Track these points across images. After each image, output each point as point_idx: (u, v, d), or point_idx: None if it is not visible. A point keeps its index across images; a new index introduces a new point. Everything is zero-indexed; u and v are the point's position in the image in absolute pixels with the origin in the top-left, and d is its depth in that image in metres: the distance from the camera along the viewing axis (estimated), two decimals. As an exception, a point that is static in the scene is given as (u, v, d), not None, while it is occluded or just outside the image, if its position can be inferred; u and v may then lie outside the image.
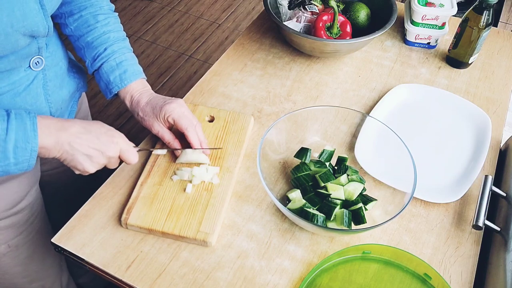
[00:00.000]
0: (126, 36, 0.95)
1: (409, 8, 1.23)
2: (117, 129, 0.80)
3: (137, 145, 0.85)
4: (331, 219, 0.81)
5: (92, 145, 0.75)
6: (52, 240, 0.81)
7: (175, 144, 0.90)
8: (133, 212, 0.83)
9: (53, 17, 0.89)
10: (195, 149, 0.90)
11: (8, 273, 1.02)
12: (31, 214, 0.98)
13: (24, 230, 0.98)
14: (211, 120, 1.00)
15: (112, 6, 0.94)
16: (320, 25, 1.10)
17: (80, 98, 1.02)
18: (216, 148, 0.93)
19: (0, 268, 1.00)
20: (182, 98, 1.11)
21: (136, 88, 0.90)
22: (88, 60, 0.90)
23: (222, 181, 0.88)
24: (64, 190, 1.13)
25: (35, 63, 0.79)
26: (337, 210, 0.82)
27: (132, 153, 0.81)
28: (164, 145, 0.93)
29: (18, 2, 0.66)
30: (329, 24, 1.12)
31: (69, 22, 0.89)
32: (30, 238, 1.01)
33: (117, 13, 0.95)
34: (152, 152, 0.92)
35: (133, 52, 0.95)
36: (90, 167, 0.76)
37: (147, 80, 0.94)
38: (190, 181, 0.87)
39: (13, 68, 0.75)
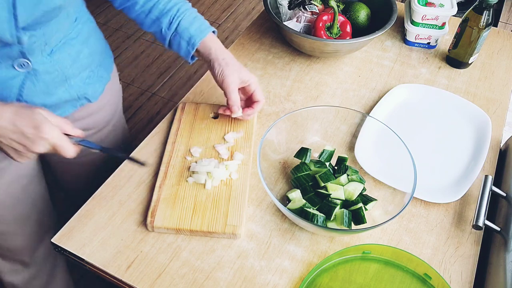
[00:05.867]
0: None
1: (409, 8, 1.23)
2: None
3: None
4: (331, 219, 0.81)
5: (17, 139, 0.72)
6: (52, 240, 0.81)
7: (237, 105, 0.92)
8: (157, 214, 0.83)
9: (120, 4, 0.92)
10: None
11: None
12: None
13: None
14: (216, 117, 1.00)
15: None
16: (320, 25, 1.10)
17: (82, 107, 0.98)
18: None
19: None
20: (182, 98, 1.11)
21: (217, 40, 0.94)
22: (165, 26, 0.92)
23: (239, 174, 0.90)
24: (83, 175, 1.14)
25: (21, 64, 0.79)
26: (337, 210, 0.82)
27: (66, 148, 0.75)
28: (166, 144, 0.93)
29: None
30: (329, 24, 1.12)
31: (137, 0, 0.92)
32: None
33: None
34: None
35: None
36: (19, 159, 0.75)
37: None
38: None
39: None
